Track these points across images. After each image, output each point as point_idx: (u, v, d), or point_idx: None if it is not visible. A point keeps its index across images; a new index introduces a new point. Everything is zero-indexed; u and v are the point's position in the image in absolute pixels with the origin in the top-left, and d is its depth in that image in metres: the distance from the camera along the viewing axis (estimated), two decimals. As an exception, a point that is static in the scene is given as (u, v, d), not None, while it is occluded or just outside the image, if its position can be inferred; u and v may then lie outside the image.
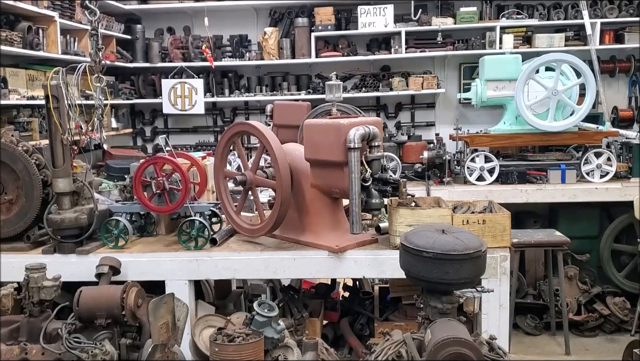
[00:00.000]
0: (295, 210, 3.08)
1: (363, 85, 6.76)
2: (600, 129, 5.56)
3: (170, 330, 2.34)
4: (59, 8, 5.38)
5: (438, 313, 2.02)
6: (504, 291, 2.87)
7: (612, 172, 5.21)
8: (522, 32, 6.42)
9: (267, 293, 3.98)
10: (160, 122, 7.41)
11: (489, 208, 3.15)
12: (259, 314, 2.40)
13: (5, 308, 2.52)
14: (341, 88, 3.36)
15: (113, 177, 4.05)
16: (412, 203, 3.01)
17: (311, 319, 3.54)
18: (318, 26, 6.56)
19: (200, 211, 3.10)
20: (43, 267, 2.49)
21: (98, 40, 3.21)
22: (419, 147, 5.77)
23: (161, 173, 3.05)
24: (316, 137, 2.88)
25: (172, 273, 3.00)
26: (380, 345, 2.04)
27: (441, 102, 7.01)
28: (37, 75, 5.25)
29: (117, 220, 3.09)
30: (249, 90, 6.98)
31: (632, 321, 5.11)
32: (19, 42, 4.75)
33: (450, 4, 6.66)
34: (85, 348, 2.26)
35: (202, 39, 6.79)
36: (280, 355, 2.44)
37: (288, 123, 3.80)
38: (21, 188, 3.09)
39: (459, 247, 1.96)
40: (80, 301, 2.36)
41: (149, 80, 7.08)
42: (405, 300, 3.66)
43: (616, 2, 6.36)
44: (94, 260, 2.91)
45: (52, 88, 2.90)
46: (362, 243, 3.02)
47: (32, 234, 3.13)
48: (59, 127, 2.93)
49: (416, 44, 6.57)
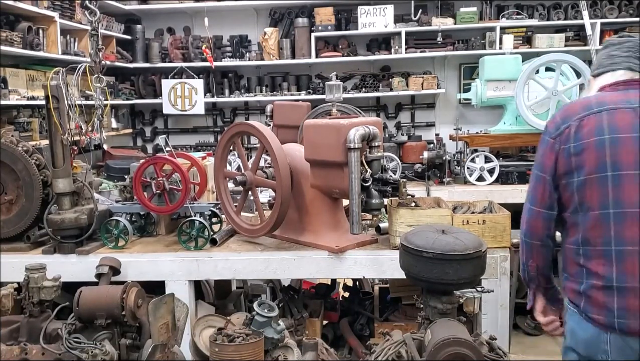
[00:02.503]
0: (295, 210, 3.08)
1: (363, 85, 6.76)
2: (600, 129, 5.54)
3: (170, 330, 2.34)
4: (59, 8, 5.38)
5: (438, 313, 2.02)
6: (504, 291, 2.87)
7: (612, 172, 5.19)
8: (522, 32, 6.42)
9: (267, 293, 3.98)
10: (160, 122, 7.42)
11: (489, 208, 3.15)
12: (259, 314, 2.39)
13: (5, 308, 2.51)
14: (341, 88, 3.37)
15: (113, 177, 4.05)
16: (412, 204, 3.01)
17: (311, 319, 3.54)
18: (318, 26, 6.57)
19: (200, 211, 3.10)
20: (43, 267, 2.49)
21: (98, 41, 3.21)
22: (419, 147, 5.77)
23: (161, 173, 3.05)
24: (316, 137, 2.88)
25: (172, 274, 3.00)
26: (380, 345, 2.04)
27: (441, 102, 7.01)
28: (37, 76, 5.26)
29: (117, 220, 3.09)
30: (249, 91, 6.98)
31: (632, 321, 5.10)
32: (19, 42, 4.75)
33: (450, 4, 6.66)
34: (85, 349, 2.26)
35: (202, 39, 6.79)
36: (280, 355, 2.44)
37: (288, 124, 3.80)
38: (21, 189, 3.09)
39: (459, 247, 1.96)
40: (80, 302, 2.36)
41: (149, 80, 7.08)
42: (405, 300, 3.65)
43: (616, 2, 6.36)
44: (94, 260, 2.91)
45: (52, 88, 2.90)
46: (362, 243, 3.02)
47: (32, 234, 3.13)
48: (59, 127, 2.93)
49: (416, 44, 6.57)
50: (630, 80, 2.18)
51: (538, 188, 2.18)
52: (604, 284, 2.04)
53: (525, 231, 2.25)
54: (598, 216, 2.05)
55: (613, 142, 2.04)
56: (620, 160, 2.03)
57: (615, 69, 2.23)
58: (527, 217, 2.23)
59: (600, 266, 2.05)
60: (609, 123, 2.06)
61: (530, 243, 2.25)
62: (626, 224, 2.02)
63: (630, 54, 2.24)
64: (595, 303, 2.06)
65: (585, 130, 2.07)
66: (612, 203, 2.04)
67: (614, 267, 2.03)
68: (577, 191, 2.08)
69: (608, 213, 2.04)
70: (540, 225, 2.21)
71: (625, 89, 2.17)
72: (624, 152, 2.03)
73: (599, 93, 2.24)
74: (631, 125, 2.04)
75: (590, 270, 2.08)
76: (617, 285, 2.02)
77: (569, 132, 2.10)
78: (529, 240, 2.25)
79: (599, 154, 2.04)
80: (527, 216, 2.23)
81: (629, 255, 2.01)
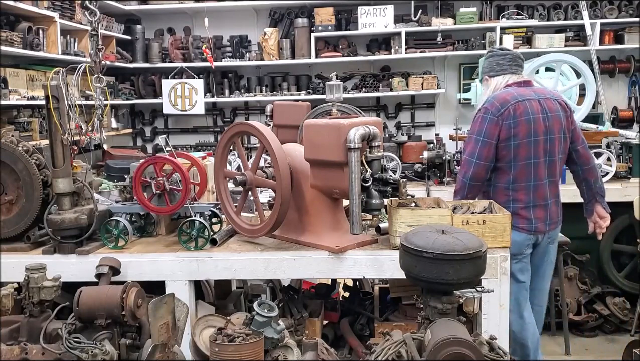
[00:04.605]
0: (295, 210, 3.08)
1: (363, 85, 6.77)
2: (600, 129, 5.56)
3: (170, 330, 2.34)
4: (59, 8, 5.38)
5: (438, 313, 2.01)
6: (504, 291, 2.87)
7: (612, 173, 5.21)
8: (522, 32, 6.43)
9: (267, 294, 3.98)
10: (160, 122, 7.42)
11: (489, 208, 3.15)
12: (259, 314, 2.39)
13: (5, 308, 2.51)
14: (341, 88, 3.36)
15: (113, 177, 4.04)
16: (412, 204, 3.01)
17: (311, 319, 3.54)
18: (318, 26, 6.57)
19: (200, 211, 3.10)
20: (43, 267, 2.49)
21: (98, 41, 3.21)
22: (419, 147, 5.76)
23: (161, 173, 3.05)
24: (316, 137, 2.88)
25: (172, 274, 3.00)
26: (380, 345, 2.04)
27: (441, 102, 7.02)
28: (37, 76, 5.26)
29: (117, 221, 3.09)
30: (249, 91, 6.98)
31: (632, 321, 5.11)
32: (19, 42, 4.75)
33: (450, 4, 6.67)
34: (85, 349, 2.26)
35: (202, 39, 6.79)
36: (280, 355, 2.44)
37: (288, 124, 3.80)
38: (21, 189, 3.09)
39: (459, 247, 1.96)
40: (80, 302, 2.36)
41: (149, 80, 7.08)
42: (405, 300, 3.65)
43: (616, 3, 6.37)
44: (94, 260, 2.90)
45: (52, 88, 2.90)
46: (362, 243, 3.02)
47: (32, 234, 3.13)
48: (59, 128, 2.93)
49: (416, 44, 6.57)
50: (523, 81, 3.57)
51: (483, 149, 3.40)
52: (525, 205, 3.44)
53: (470, 177, 3.44)
54: (524, 165, 3.41)
55: (534, 120, 3.39)
56: (537, 131, 3.39)
57: (505, 73, 3.57)
58: (474, 169, 3.43)
59: (522, 195, 3.44)
60: (530, 108, 3.40)
61: (472, 185, 3.46)
62: (539, 169, 3.43)
63: (511, 62, 3.58)
64: (521, 218, 3.43)
65: (519, 112, 3.37)
66: (533, 157, 3.41)
67: (531, 194, 3.44)
68: (513, 150, 3.39)
69: (530, 163, 3.41)
70: (483, 173, 3.45)
71: (525, 86, 3.55)
72: (538, 126, 3.40)
73: (511, 88, 3.51)
74: (539, 109, 3.42)
75: (516, 198, 3.45)
76: (532, 204, 3.45)
77: (508, 112, 3.37)
78: (473, 182, 3.46)
79: (527, 127, 3.37)
80: (473, 168, 3.43)
81: (539, 187, 3.45)
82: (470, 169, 3.42)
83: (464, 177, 3.46)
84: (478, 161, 3.40)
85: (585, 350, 4.95)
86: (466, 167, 3.45)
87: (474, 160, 3.41)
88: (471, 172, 3.42)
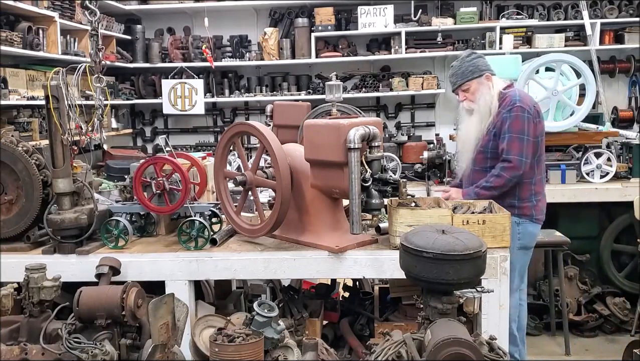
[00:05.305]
0: (295, 210, 3.08)
1: (363, 85, 6.76)
2: (600, 129, 5.56)
3: (170, 330, 2.34)
4: (59, 8, 5.38)
5: (438, 313, 2.01)
6: (504, 291, 2.87)
7: (612, 172, 5.22)
8: (522, 32, 6.42)
9: (267, 294, 3.98)
10: (160, 122, 7.41)
11: (489, 208, 3.15)
12: (259, 314, 2.39)
13: (5, 308, 2.51)
14: (341, 88, 3.36)
15: (113, 177, 4.04)
16: (412, 204, 3.01)
17: (311, 319, 3.54)
18: (318, 26, 6.56)
19: (200, 211, 3.10)
20: (43, 267, 2.49)
21: (98, 41, 3.21)
22: (419, 147, 5.76)
23: (161, 173, 3.05)
24: (316, 137, 2.88)
25: (172, 274, 3.00)
26: (380, 345, 2.04)
27: (441, 102, 7.01)
28: (37, 76, 5.26)
29: (117, 221, 3.09)
30: (249, 91, 6.98)
31: (632, 321, 5.11)
32: (19, 42, 4.75)
33: (450, 4, 6.66)
34: (85, 349, 2.26)
35: (202, 39, 6.79)
36: (280, 355, 2.44)
37: (288, 124, 3.80)
38: (21, 189, 3.09)
39: (459, 247, 1.96)
40: (80, 302, 2.36)
41: (149, 80, 7.08)
42: (405, 300, 3.65)
43: (616, 3, 6.36)
44: (94, 260, 2.90)
45: (52, 88, 2.90)
46: (362, 243, 3.02)
47: (32, 234, 3.13)
48: (59, 128, 2.93)
49: (416, 44, 6.57)
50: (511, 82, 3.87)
51: (529, 147, 3.59)
52: (542, 197, 3.76)
53: (519, 175, 3.59)
54: (542, 160, 3.76)
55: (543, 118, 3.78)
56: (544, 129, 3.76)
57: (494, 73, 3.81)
58: (524, 167, 3.58)
59: (540, 188, 3.75)
60: None
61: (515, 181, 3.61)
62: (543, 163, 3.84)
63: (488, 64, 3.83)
64: (539, 209, 3.72)
65: (540, 111, 3.71)
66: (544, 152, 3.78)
67: (543, 187, 3.81)
68: (540, 146, 3.68)
69: (542, 158, 3.75)
70: (527, 169, 3.62)
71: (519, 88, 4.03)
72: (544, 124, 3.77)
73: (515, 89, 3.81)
74: None
75: (537, 191, 3.72)
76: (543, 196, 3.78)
77: (536, 111, 3.67)
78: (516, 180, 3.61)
79: (543, 125, 3.73)
80: (523, 167, 3.58)
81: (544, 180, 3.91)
82: (521, 168, 3.55)
83: (512, 175, 3.56)
84: (527, 160, 3.56)
85: (585, 350, 4.95)
86: (517, 166, 3.55)
87: (523, 160, 3.55)
88: (522, 170, 3.56)
